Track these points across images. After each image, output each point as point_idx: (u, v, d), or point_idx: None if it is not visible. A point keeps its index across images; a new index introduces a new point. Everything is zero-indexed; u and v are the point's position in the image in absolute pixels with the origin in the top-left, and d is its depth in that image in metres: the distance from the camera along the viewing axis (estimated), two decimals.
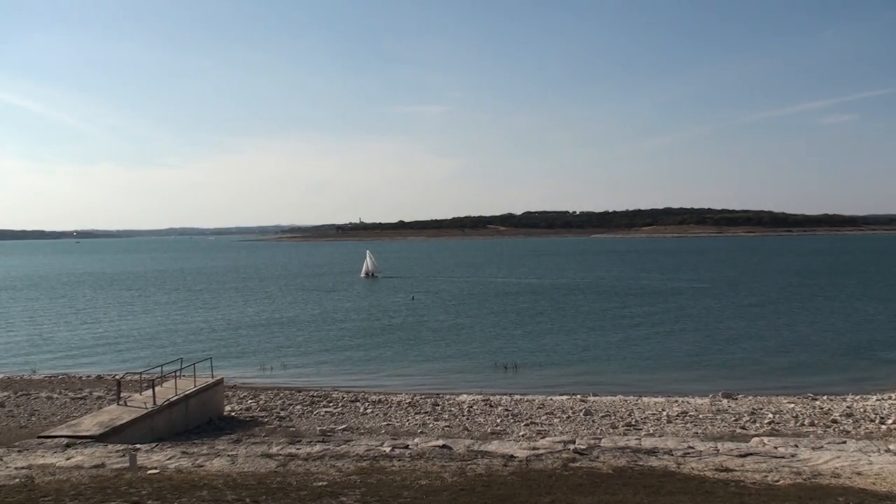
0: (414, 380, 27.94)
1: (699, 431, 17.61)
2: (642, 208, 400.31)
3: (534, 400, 22.60)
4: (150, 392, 17.68)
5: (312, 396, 23.51)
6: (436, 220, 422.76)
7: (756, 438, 14.79)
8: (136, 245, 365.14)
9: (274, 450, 12.49)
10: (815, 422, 18.53)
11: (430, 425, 18.71)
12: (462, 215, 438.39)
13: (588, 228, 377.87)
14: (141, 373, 20.05)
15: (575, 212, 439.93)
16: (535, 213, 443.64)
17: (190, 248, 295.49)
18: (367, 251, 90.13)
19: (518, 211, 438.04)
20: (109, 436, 14.63)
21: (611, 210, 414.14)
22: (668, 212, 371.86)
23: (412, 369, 30.25)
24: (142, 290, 74.96)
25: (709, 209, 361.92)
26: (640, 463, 11.47)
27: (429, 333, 40.05)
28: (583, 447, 12.45)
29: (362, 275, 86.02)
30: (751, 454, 12.04)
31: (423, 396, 23.54)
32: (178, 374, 19.27)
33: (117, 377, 23.50)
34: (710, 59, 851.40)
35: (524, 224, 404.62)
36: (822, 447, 12.96)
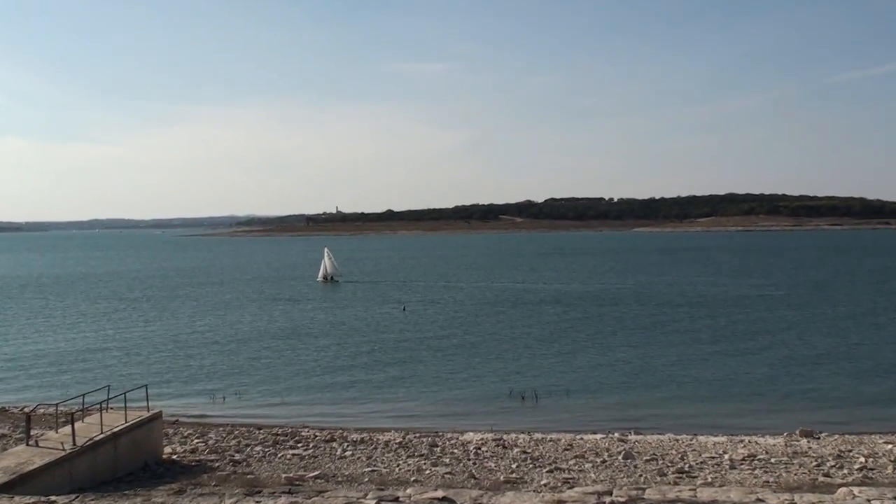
0: (406, 413, 28.53)
1: (771, 480, 17.95)
2: (698, 194, 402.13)
3: (559, 440, 22.99)
4: (68, 429, 17.71)
5: (276, 435, 24.00)
6: (434, 210, 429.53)
7: (844, 489, 14.67)
8: (50, 241, 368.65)
9: (227, 503, 12.52)
10: None
11: (427, 472, 19.05)
12: (468, 203, 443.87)
13: (628, 220, 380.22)
14: (57, 404, 20.07)
15: (612, 199, 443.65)
16: (561, 200, 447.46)
17: (121, 244, 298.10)
18: (325, 248, 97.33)
19: (539, 198, 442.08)
20: (16, 485, 14.53)
21: (657, 197, 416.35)
22: (730, 199, 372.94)
23: (404, 400, 30.91)
24: (60, 299, 76.49)
25: (783, 196, 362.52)
26: None
27: (425, 353, 41.10)
28: (622, 500, 12.46)
29: (319, 278, 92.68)
30: None
31: (419, 435, 23.98)
32: (104, 406, 19.35)
33: (27, 410, 23.76)
34: (783, 3, 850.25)
35: (547, 215, 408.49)
36: None
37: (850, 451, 20.82)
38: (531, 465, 19.77)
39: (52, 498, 13.29)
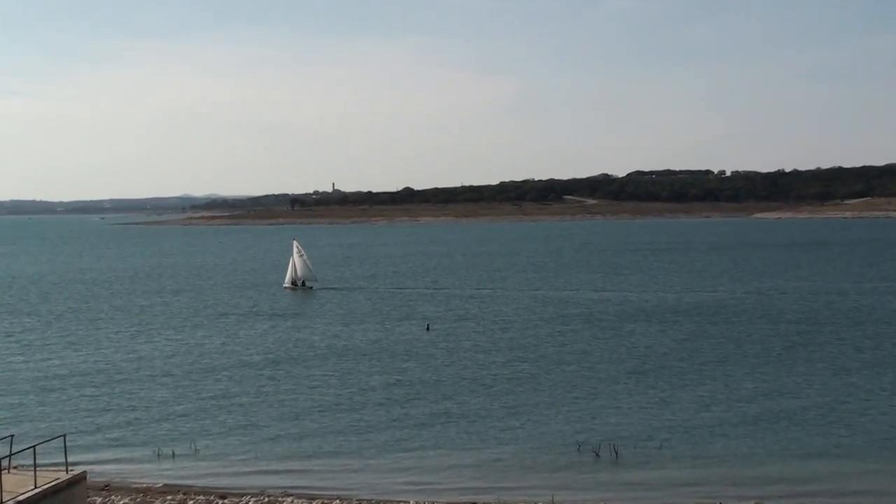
0: (433, 478, 28.59)
1: None
2: (845, 166, 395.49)
3: None
4: None
5: None
6: (471, 189, 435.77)
7: None
8: None
9: None
10: None
11: None
12: (518, 179, 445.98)
13: (747, 202, 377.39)
14: None
15: (723, 173, 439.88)
16: (651, 174, 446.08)
17: (29, 236, 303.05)
18: (294, 241, 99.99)
19: (619, 171, 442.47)
20: None
21: (788, 170, 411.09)
22: (892, 171, 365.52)
23: (431, 458, 31.13)
24: None
25: None
26: None
27: (460, 391, 41.60)
28: None
29: (286, 283, 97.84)
30: None
31: None
32: (5, 464, 19.45)
33: None
34: None
35: (631, 194, 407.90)
36: None
37: None
38: None
39: None
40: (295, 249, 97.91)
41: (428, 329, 62.01)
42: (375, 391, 41.64)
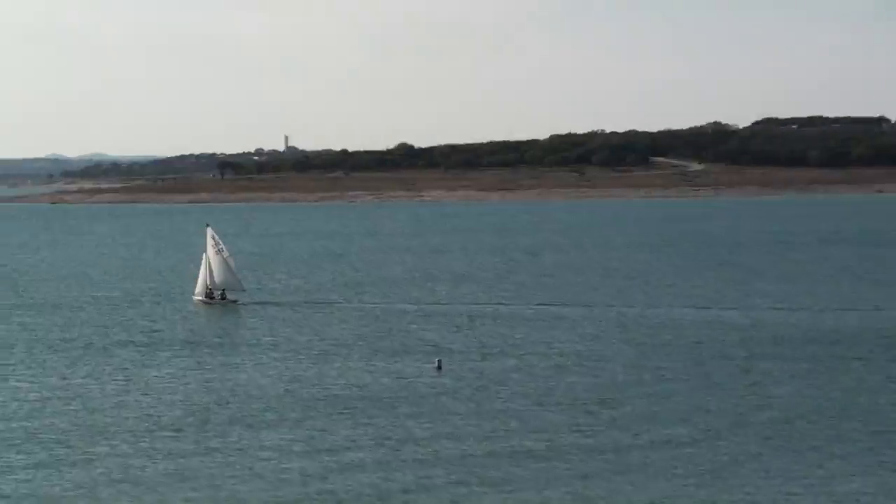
0: None
1: None
2: None
3: None
4: None
5: None
6: (504, 147, 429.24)
7: None
8: None
9: None
10: None
11: None
12: (578, 131, 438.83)
13: None
14: None
15: None
16: (789, 123, 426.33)
17: None
18: (208, 229, 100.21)
19: (740, 119, 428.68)
20: None
21: None
22: None
23: None
24: None
25: None
26: None
27: (492, 470, 40.39)
28: None
29: (197, 294, 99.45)
30: None
31: None
32: None
33: None
34: None
35: (757, 156, 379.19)
36: None
37: None
38: None
39: None
40: (209, 243, 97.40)
41: (439, 368, 61.83)
42: (365, 471, 40.20)
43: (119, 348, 72.16)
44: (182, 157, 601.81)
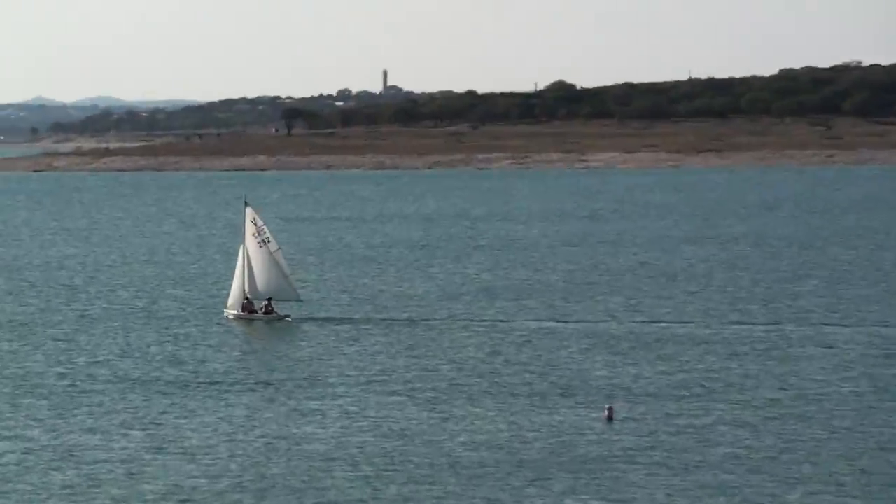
0: None
1: None
2: None
3: None
4: None
5: None
6: (710, 84, 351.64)
7: None
8: None
9: None
10: None
11: None
12: (821, 65, 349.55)
13: None
14: None
15: None
16: None
17: None
18: (247, 207, 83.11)
19: None
20: None
21: None
22: None
23: None
24: None
25: None
26: None
27: None
28: None
29: (229, 309, 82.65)
30: None
31: None
32: None
33: None
34: None
35: None
36: None
37: None
38: None
39: None
40: (249, 229, 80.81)
41: (610, 418, 51.40)
42: None
43: (146, 387, 59.94)
44: (229, 103, 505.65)
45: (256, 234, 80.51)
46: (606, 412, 51.06)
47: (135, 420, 52.23)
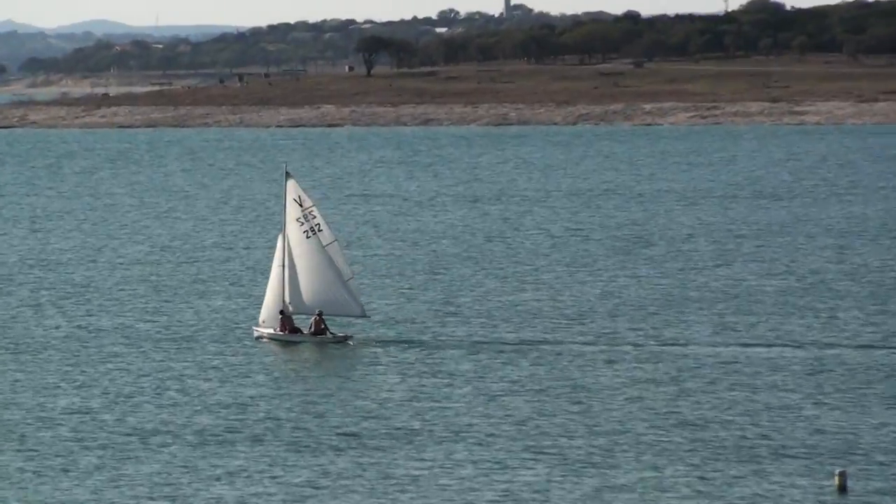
0: None
1: None
2: None
3: None
4: None
5: None
6: None
7: None
8: None
9: None
10: None
11: None
12: None
13: None
14: None
15: None
16: None
17: None
18: (290, 179, 66.65)
19: None
20: None
21: None
22: None
23: None
24: None
25: None
26: None
27: None
28: None
29: (264, 324, 66.70)
30: None
31: None
32: None
33: None
34: None
35: None
36: None
37: None
38: None
39: None
40: (291, 212, 64.28)
41: (843, 487, 41.29)
42: None
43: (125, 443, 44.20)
44: (281, 30, 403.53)
45: (302, 220, 63.38)
46: (837, 479, 41.50)
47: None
